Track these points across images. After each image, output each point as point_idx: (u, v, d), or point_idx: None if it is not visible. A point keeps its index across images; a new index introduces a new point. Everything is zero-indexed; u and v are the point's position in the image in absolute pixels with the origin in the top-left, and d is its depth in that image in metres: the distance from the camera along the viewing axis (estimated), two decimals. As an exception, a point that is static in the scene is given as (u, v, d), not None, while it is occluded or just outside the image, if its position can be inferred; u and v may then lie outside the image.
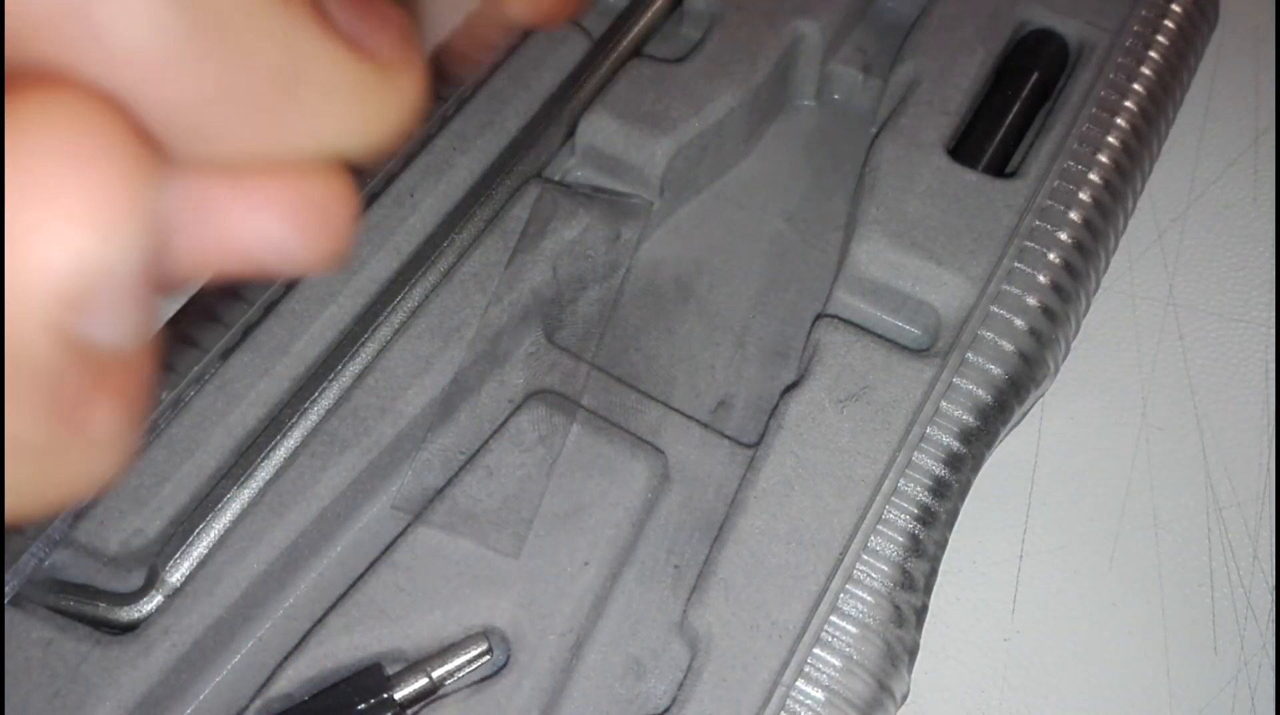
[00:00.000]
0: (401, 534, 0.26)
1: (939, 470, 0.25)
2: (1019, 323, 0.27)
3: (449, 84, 0.31)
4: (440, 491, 0.26)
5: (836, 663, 0.24)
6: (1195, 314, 0.34)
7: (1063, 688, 0.28)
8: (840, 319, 0.28)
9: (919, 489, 0.25)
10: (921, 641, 0.25)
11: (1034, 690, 0.28)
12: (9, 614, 0.25)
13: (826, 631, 0.24)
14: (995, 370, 0.27)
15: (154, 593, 0.25)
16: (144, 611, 0.25)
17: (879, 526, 0.25)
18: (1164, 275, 0.34)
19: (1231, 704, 0.28)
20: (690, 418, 0.28)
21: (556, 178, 0.32)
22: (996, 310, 0.27)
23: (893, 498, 0.25)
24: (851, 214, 0.31)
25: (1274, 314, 0.33)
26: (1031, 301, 0.27)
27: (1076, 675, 0.28)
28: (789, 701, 0.23)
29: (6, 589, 0.25)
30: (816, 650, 0.24)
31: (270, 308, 0.28)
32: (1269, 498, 0.30)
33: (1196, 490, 0.31)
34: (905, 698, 0.24)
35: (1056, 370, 0.28)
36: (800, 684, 0.23)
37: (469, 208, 0.30)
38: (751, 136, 0.34)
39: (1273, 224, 0.35)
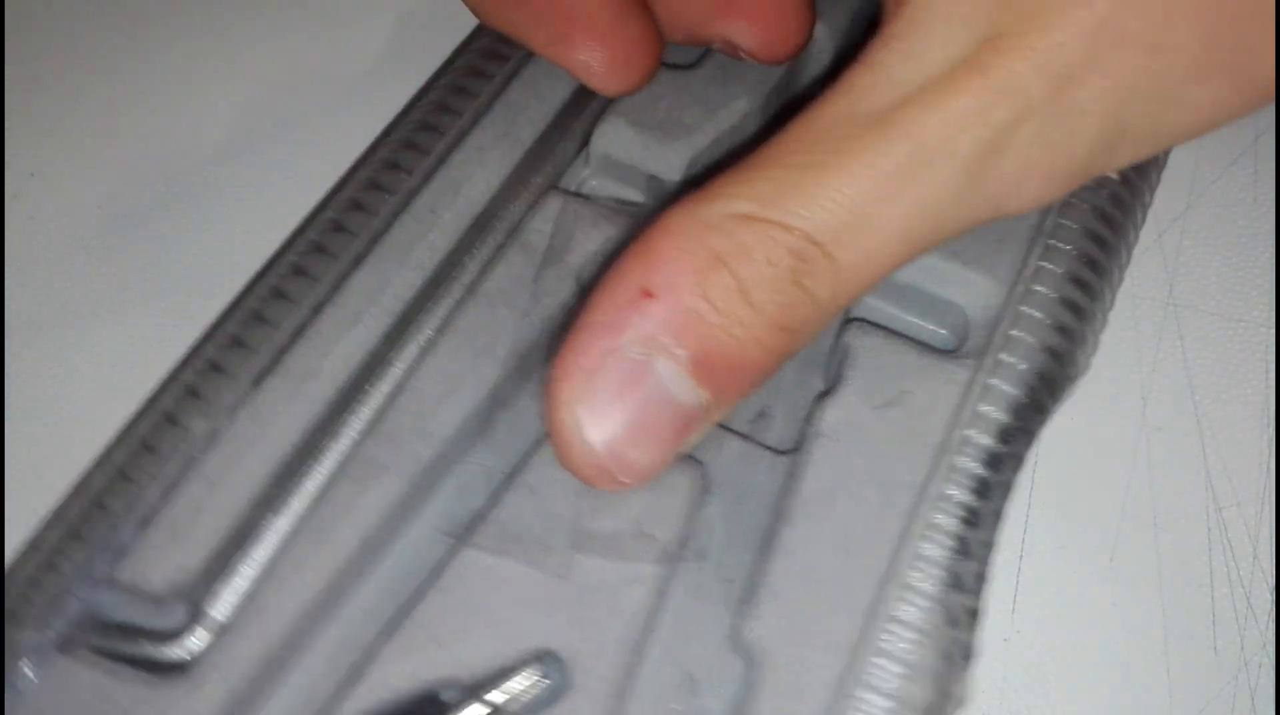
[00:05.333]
0: (448, 558, 0.26)
1: (981, 471, 0.26)
2: (1048, 321, 0.28)
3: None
4: (483, 512, 0.26)
5: (896, 669, 0.24)
6: (1195, 314, 0.34)
7: (1063, 688, 0.28)
8: (869, 322, 0.28)
9: (963, 491, 0.26)
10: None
11: (1034, 690, 0.28)
12: (56, 660, 0.24)
13: (883, 638, 0.24)
14: (1029, 369, 0.27)
15: (199, 629, 0.25)
16: (191, 649, 0.25)
17: (926, 530, 0.25)
18: (1164, 275, 0.34)
19: (1231, 704, 0.28)
20: (727, 428, 0.28)
21: (572, 188, 0.32)
22: (1025, 309, 0.28)
23: (937, 501, 0.26)
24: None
25: (1274, 314, 0.34)
26: (1059, 299, 0.28)
27: (1076, 675, 0.28)
28: (851, 711, 0.24)
29: (52, 634, 0.24)
30: (874, 658, 0.24)
31: (299, 331, 0.27)
32: (1269, 498, 0.31)
33: (1196, 490, 0.31)
34: (964, 701, 0.25)
35: (1088, 366, 0.29)
36: (861, 692, 0.24)
37: (489, 222, 0.30)
38: (765, 139, 0.34)
39: (1273, 224, 0.35)
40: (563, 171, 0.32)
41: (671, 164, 0.31)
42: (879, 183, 0.19)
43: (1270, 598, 0.29)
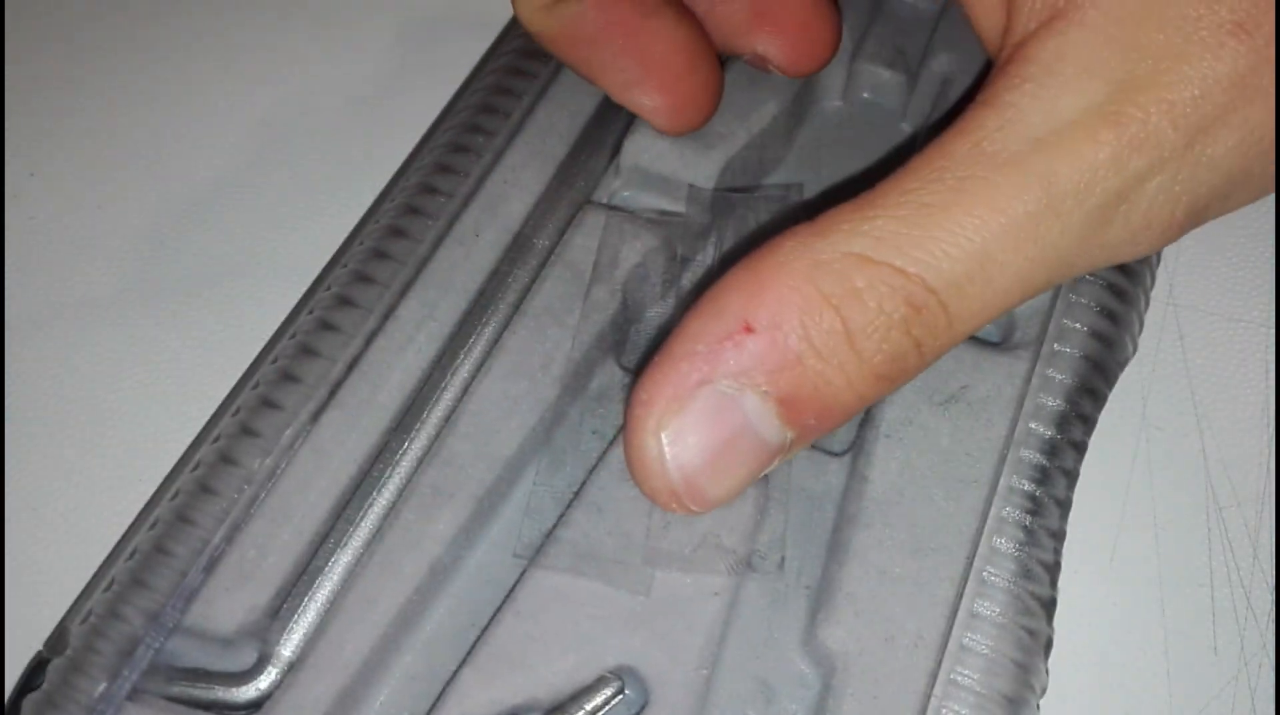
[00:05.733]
0: (521, 580, 0.25)
1: (1045, 461, 0.26)
2: (1095, 307, 0.28)
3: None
4: (553, 533, 0.26)
5: (978, 664, 0.24)
6: (1195, 314, 0.34)
7: (1063, 688, 0.28)
8: (918, 320, 0.28)
9: (1030, 482, 0.26)
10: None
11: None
12: (128, 711, 0.24)
13: (965, 635, 0.24)
14: (1083, 357, 0.27)
15: (271, 669, 0.25)
16: (263, 689, 0.25)
17: (998, 525, 0.25)
18: (1164, 275, 0.34)
19: (1231, 704, 0.28)
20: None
21: (604, 200, 0.32)
22: (1075, 297, 0.28)
23: (1006, 495, 0.26)
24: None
25: (1274, 314, 0.33)
26: (1105, 284, 0.28)
27: (1077, 675, 0.28)
28: (937, 710, 0.24)
29: (124, 683, 0.24)
30: (957, 655, 0.24)
31: (352, 363, 0.27)
32: (1269, 498, 0.31)
33: (1196, 490, 0.31)
34: (1045, 690, 0.25)
35: (1135, 348, 0.29)
36: (946, 690, 0.24)
37: (528, 240, 0.30)
38: (789, 141, 0.34)
39: (1273, 224, 0.35)
40: (595, 185, 0.31)
41: (706, 172, 0.31)
42: (1007, 230, 0.18)
43: (1270, 598, 0.29)
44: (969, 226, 0.18)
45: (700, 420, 0.19)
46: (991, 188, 0.18)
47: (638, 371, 0.27)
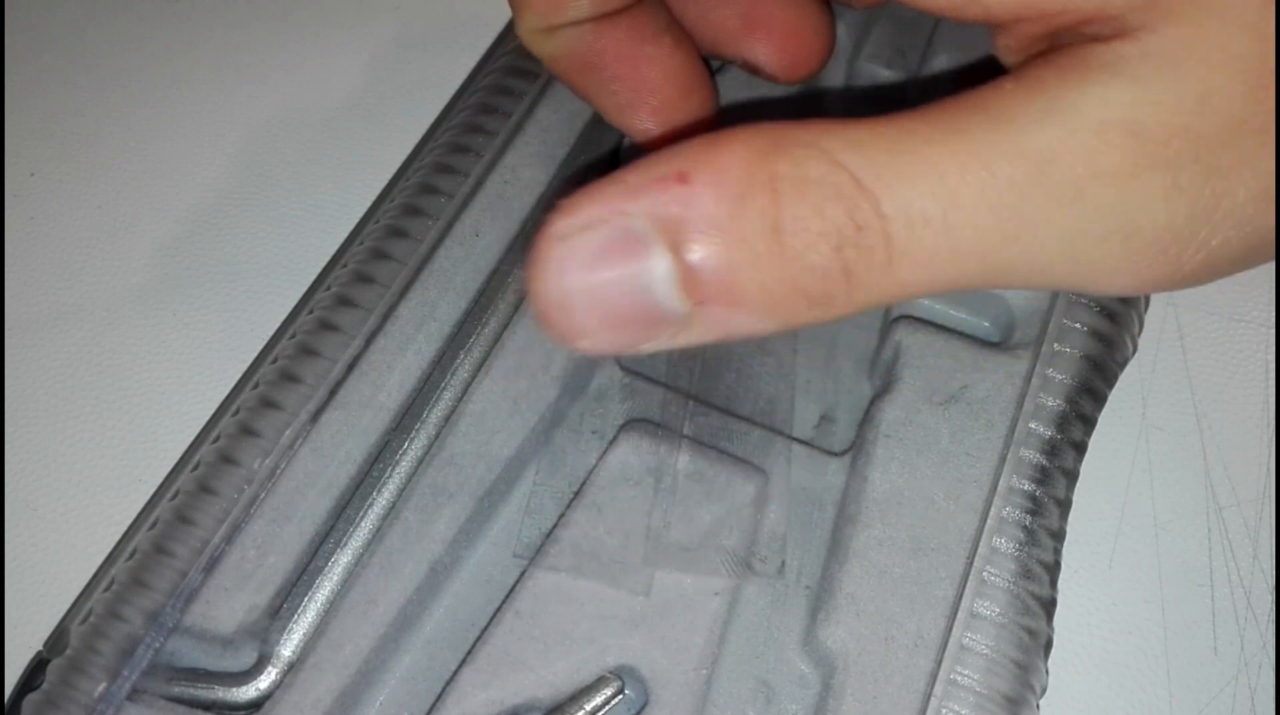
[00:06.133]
0: (521, 580, 0.25)
1: (1046, 461, 0.26)
2: (1094, 306, 0.28)
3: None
4: (553, 533, 0.26)
5: (979, 664, 0.24)
6: (1195, 314, 0.34)
7: (1063, 688, 0.28)
8: (917, 319, 0.28)
9: (1030, 482, 0.26)
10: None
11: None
12: (128, 710, 0.24)
13: (965, 635, 0.24)
14: (1083, 357, 0.27)
15: (271, 668, 0.25)
16: (263, 689, 0.25)
17: (998, 525, 0.25)
18: None
19: (1231, 704, 0.28)
20: (788, 434, 0.28)
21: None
22: (1072, 296, 0.28)
23: (1006, 494, 0.26)
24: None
25: (1274, 314, 0.33)
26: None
27: (1077, 675, 0.28)
28: (937, 710, 0.24)
29: (124, 683, 0.24)
30: (957, 654, 0.24)
31: (352, 363, 0.27)
32: (1269, 498, 0.31)
33: (1196, 490, 0.31)
34: (1045, 690, 0.25)
35: (1135, 348, 0.29)
36: (946, 690, 0.24)
37: (529, 240, 0.29)
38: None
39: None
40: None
41: (705, 172, 0.31)
42: (986, 186, 0.17)
43: (1270, 598, 0.29)
44: (947, 169, 0.17)
45: (599, 241, 0.18)
46: (986, 145, 0.17)
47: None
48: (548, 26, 0.25)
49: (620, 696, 0.25)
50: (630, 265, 0.18)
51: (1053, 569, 0.25)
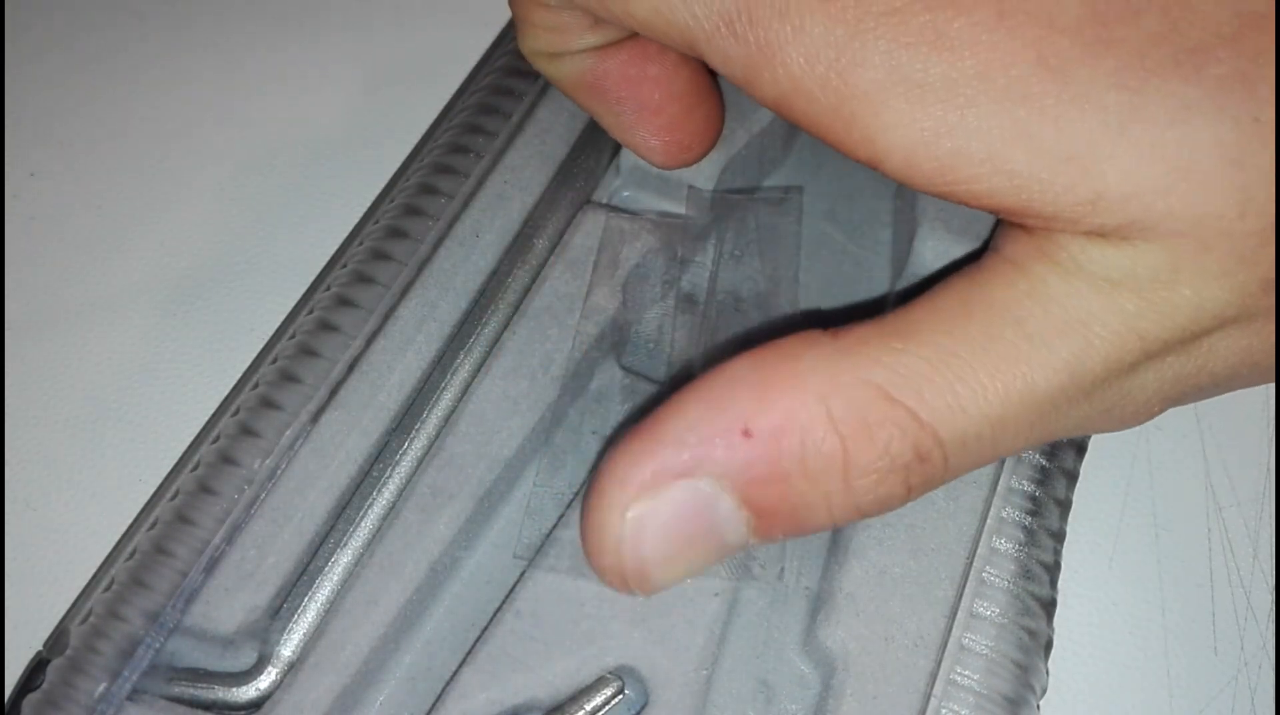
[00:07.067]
0: (521, 580, 0.25)
1: (1045, 461, 0.26)
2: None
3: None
4: (553, 534, 0.26)
5: (978, 664, 0.24)
6: None
7: (1063, 688, 0.28)
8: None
9: (1030, 482, 0.26)
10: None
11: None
12: (128, 711, 0.24)
13: (967, 636, 0.24)
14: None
15: (271, 668, 0.25)
16: (263, 689, 0.25)
17: (997, 524, 0.25)
18: None
19: (1231, 704, 0.28)
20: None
21: (604, 200, 0.32)
22: None
23: (1006, 494, 0.26)
24: (901, 211, 0.31)
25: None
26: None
27: (1077, 675, 0.28)
28: (937, 710, 0.24)
29: (124, 683, 0.24)
30: (957, 655, 0.24)
31: (353, 364, 0.27)
32: (1269, 498, 0.31)
33: (1196, 490, 0.31)
34: (1045, 690, 0.25)
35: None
36: (946, 690, 0.24)
37: (528, 241, 0.30)
38: (789, 141, 0.34)
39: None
40: (595, 185, 0.31)
41: (706, 173, 0.31)
42: (1029, 407, 0.18)
43: (1270, 598, 0.29)
44: (993, 392, 0.18)
45: (670, 512, 0.18)
46: (1022, 361, 0.18)
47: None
48: (552, 54, 0.25)
49: (620, 697, 0.25)
50: (701, 525, 0.19)
51: (1053, 569, 0.25)
